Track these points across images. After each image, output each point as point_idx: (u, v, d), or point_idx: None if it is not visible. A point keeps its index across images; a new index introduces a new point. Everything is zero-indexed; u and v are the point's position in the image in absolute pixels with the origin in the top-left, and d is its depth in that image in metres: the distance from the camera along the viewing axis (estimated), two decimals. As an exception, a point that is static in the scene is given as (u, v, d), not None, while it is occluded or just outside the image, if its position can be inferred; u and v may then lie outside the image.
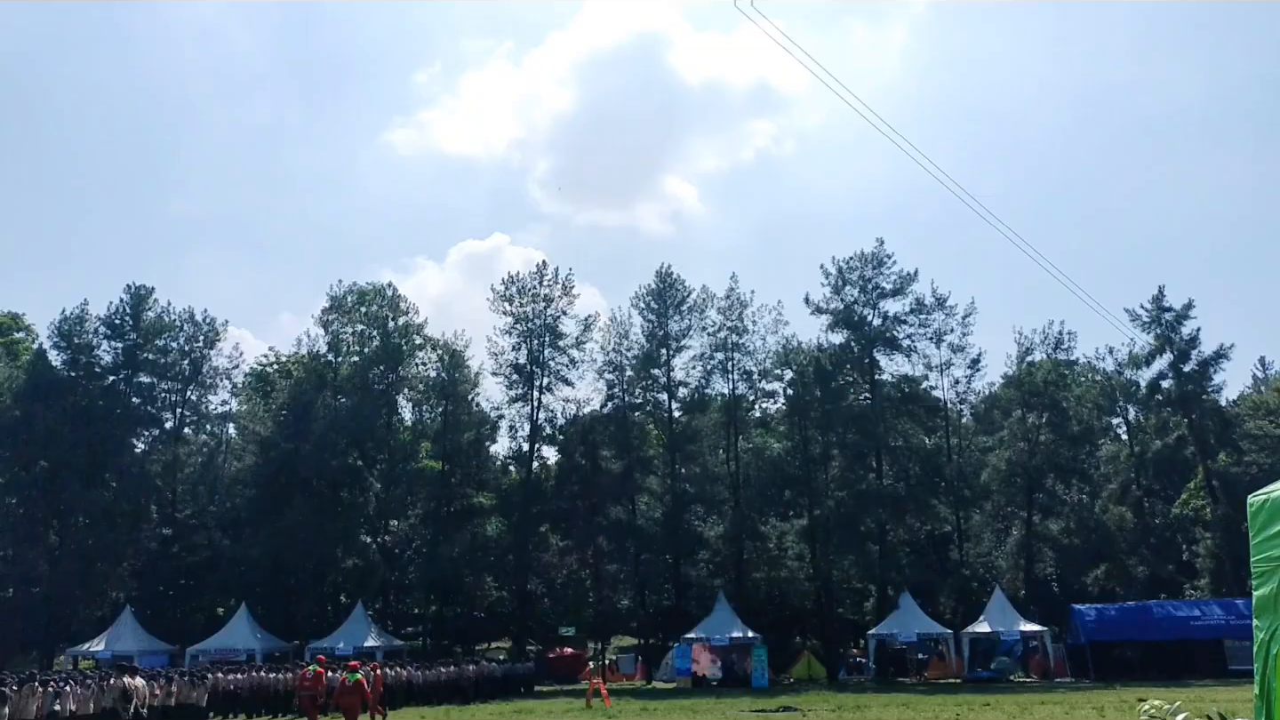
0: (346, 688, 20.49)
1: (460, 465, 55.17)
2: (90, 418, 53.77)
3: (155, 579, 53.87)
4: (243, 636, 45.01)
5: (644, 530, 52.50)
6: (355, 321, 57.64)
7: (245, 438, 58.75)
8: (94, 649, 44.20)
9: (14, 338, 68.71)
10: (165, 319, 58.06)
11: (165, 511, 56.50)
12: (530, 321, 55.98)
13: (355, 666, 22.63)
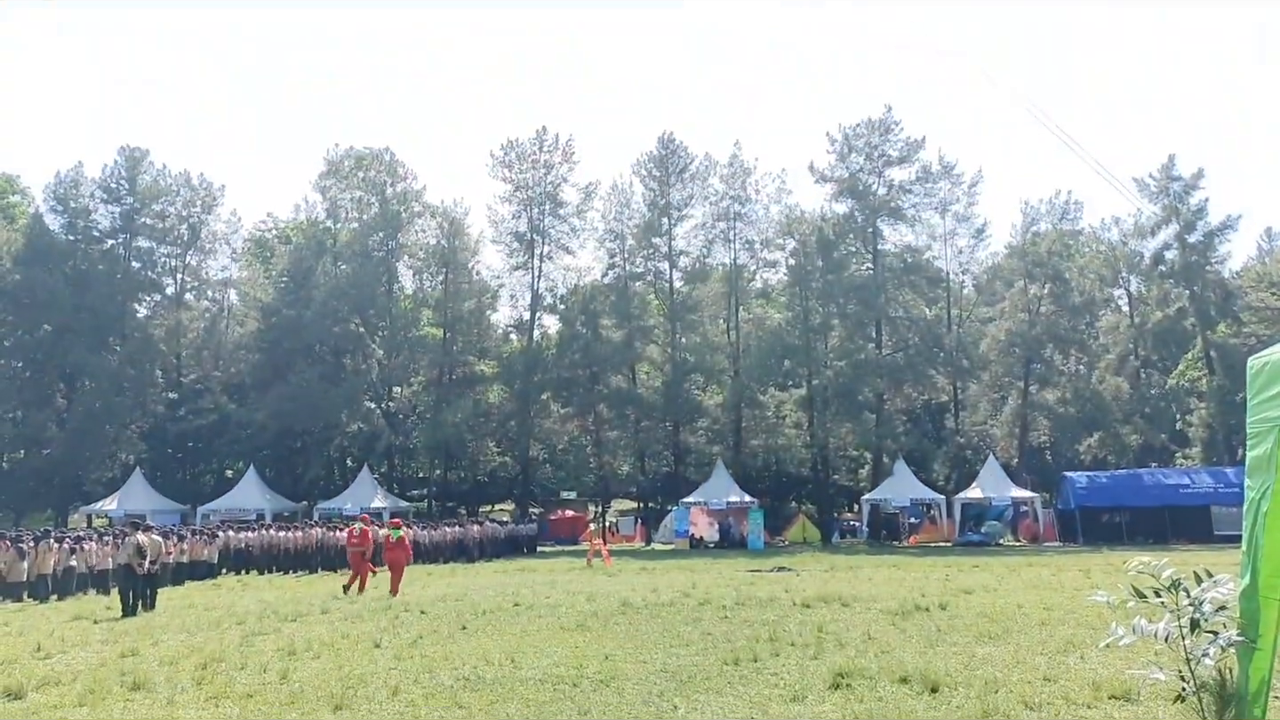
0: (392, 544, 21.37)
1: (461, 333, 55.37)
2: (90, 282, 53.71)
3: (164, 442, 54.84)
4: (252, 497, 46.11)
5: (644, 398, 53.07)
6: (353, 187, 56.88)
7: (247, 304, 58.89)
8: (107, 508, 45.34)
9: (10, 200, 67.94)
10: (162, 182, 57.29)
11: (170, 376, 57.07)
12: (530, 189, 55.24)
13: (398, 524, 23.95)
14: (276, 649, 11.94)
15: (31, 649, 12.32)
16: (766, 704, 8.34)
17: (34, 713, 8.29)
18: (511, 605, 16.92)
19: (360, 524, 23.34)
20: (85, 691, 9.19)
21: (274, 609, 17.05)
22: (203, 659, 11.12)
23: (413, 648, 11.98)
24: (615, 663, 10.55)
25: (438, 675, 9.93)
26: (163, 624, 15.26)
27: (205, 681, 9.74)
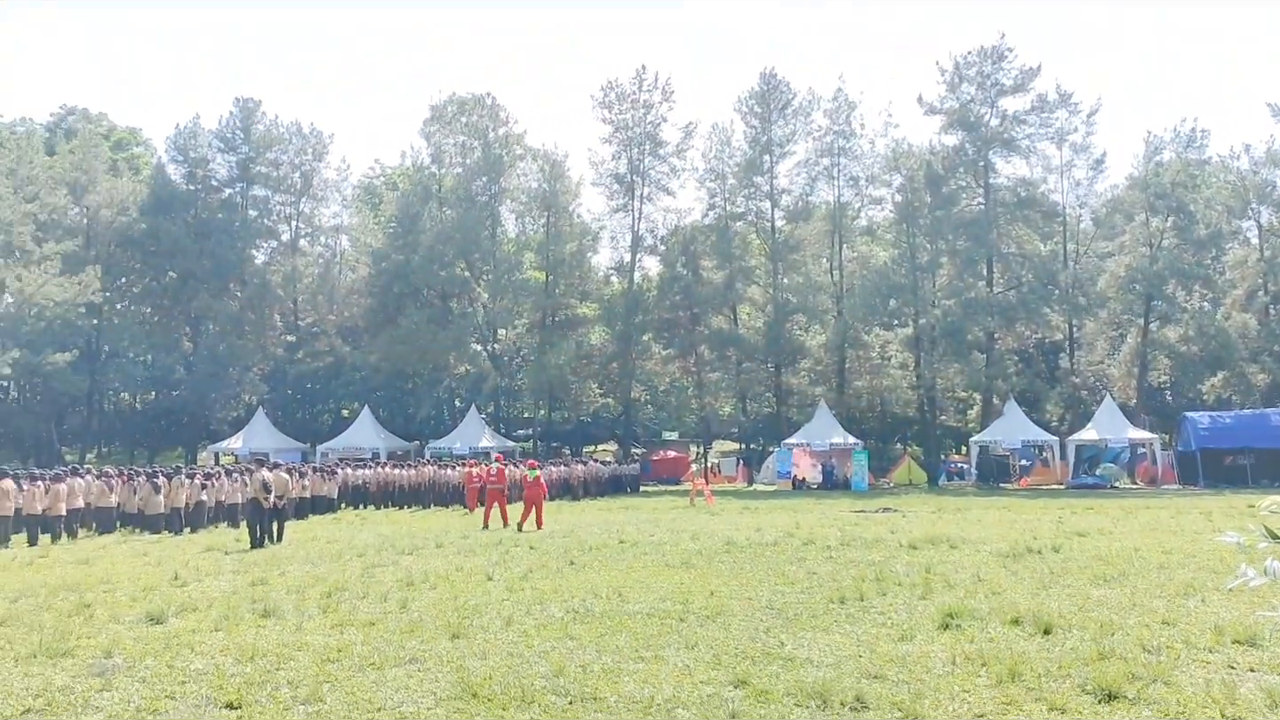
0: (529, 482, 22.22)
1: (563, 276, 55.85)
2: (211, 230, 55.91)
3: (283, 383, 57.14)
4: (367, 436, 47.77)
5: (746, 339, 52.80)
6: (456, 133, 57.50)
7: (358, 249, 60.51)
8: (232, 446, 47.60)
9: (133, 152, 71.02)
10: (274, 132, 58.93)
11: (288, 320, 59.22)
12: (630, 129, 54.95)
13: (535, 465, 25.27)
14: (395, 580, 12.45)
15: (169, 578, 13.11)
16: (874, 643, 8.35)
17: (174, 636, 8.83)
18: (617, 542, 17.23)
19: (497, 464, 25.10)
20: (220, 617, 9.77)
21: (391, 542, 17.75)
22: (327, 588, 11.68)
23: (523, 581, 12.34)
24: (721, 599, 10.68)
25: (548, 607, 10.22)
26: (289, 555, 16.04)
27: (330, 609, 10.23)
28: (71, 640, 8.51)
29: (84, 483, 22.02)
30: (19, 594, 11.63)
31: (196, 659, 7.89)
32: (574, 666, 7.51)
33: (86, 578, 13.20)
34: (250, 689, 6.88)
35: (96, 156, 57.85)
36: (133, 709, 6.41)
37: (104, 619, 9.83)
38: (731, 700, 6.54)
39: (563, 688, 6.91)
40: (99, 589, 12.04)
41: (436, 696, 6.72)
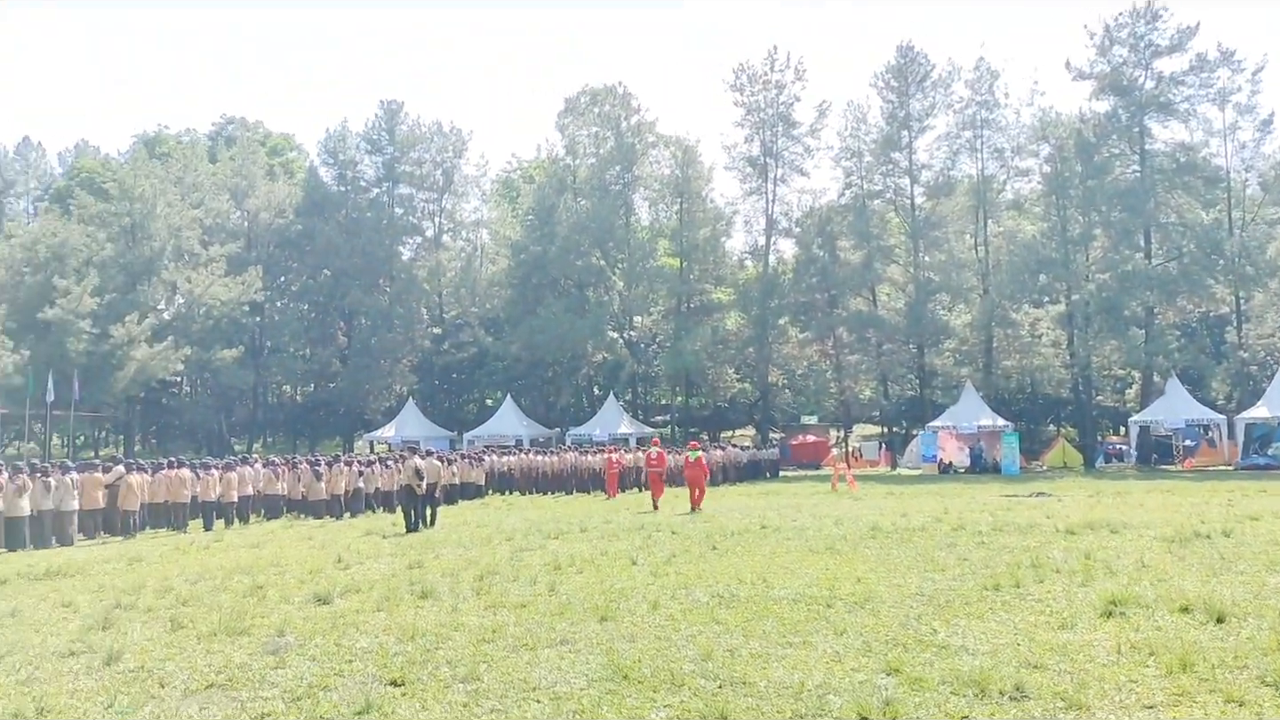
0: (691, 464, 22.74)
1: (698, 261, 55.84)
2: (360, 228, 58.47)
3: (431, 373, 59.27)
4: (510, 424, 49.00)
5: (886, 320, 51.63)
6: (590, 123, 58.18)
7: (497, 242, 62.08)
8: (386, 435, 49.61)
9: (288, 157, 74.70)
10: (416, 132, 61.05)
11: (434, 313, 61.35)
12: (762, 111, 54.41)
13: (696, 447, 25.99)
14: (543, 563, 12.74)
15: (333, 560, 13.78)
16: (1033, 631, 8.07)
17: (340, 616, 9.28)
18: (758, 527, 17.16)
19: (655, 448, 26.25)
20: (381, 598, 10.21)
21: (537, 527, 18.17)
22: (479, 571, 12.06)
23: (667, 565, 12.44)
24: (868, 585, 10.51)
25: (693, 592, 10.27)
26: (441, 539, 16.63)
27: (483, 591, 10.56)
28: (247, 620, 9.05)
29: (253, 471, 23.37)
30: (198, 576, 12.43)
31: (361, 638, 8.27)
32: (721, 651, 7.53)
33: (258, 561, 14.01)
34: (412, 667, 7.18)
35: (255, 162, 61.23)
36: (305, 685, 6.77)
37: (275, 599, 10.42)
38: (885, 688, 6.43)
39: (711, 672, 6.94)
40: (269, 571, 12.75)
41: (588, 678, 6.85)
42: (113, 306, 44.69)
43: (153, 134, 76.17)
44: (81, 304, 42.53)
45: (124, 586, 11.62)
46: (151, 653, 7.83)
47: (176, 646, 8.07)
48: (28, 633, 8.84)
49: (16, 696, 6.57)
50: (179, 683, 6.91)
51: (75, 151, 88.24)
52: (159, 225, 49.85)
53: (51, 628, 9.08)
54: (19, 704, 6.35)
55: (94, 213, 49.79)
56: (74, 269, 44.43)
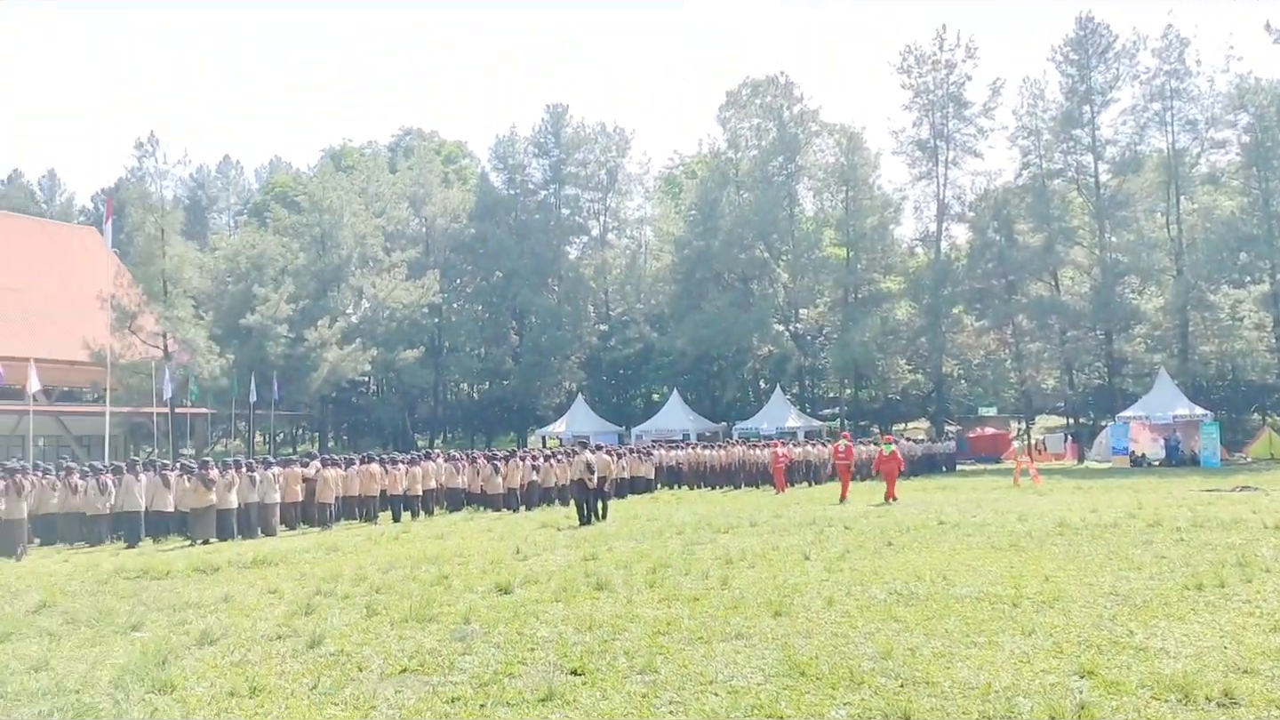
0: (884, 457, 22.70)
1: (865, 250, 54.59)
2: (529, 230, 60.26)
3: (599, 370, 60.41)
4: (677, 418, 49.32)
5: (1069, 306, 49.04)
6: (751, 115, 57.85)
7: (661, 238, 62.61)
8: (557, 430, 50.85)
9: (462, 164, 77.65)
10: (581, 134, 62.36)
11: (600, 310, 62.50)
12: (931, 93, 52.69)
13: (890, 440, 25.86)
14: (714, 558, 12.78)
15: (512, 552, 14.24)
16: (1241, 633, 7.51)
17: (521, 606, 9.59)
18: (936, 523, 16.67)
19: (844, 441, 26.46)
20: (559, 589, 10.48)
21: (707, 521, 18.23)
22: (651, 564, 12.20)
23: (841, 561, 12.24)
24: (1057, 584, 10.04)
25: (869, 589, 10.07)
26: (614, 532, 16.92)
27: (656, 584, 10.68)
28: (435, 607, 9.47)
29: (435, 466, 24.41)
30: (389, 565, 13.10)
31: (542, 627, 8.52)
32: (901, 649, 7.36)
33: (443, 551, 14.64)
34: (591, 657, 7.34)
35: (431, 171, 64.00)
36: (491, 672, 7.03)
37: (460, 589, 10.86)
38: (1078, 691, 6.12)
39: (891, 670, 6.79)
40: (453, 561, 13.31)
41: (765, 673, 6.82)
42: (306, 312, 47.54)
43: (338, 148, 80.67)
44: (279, 310, 45.41)
45: (323, 575, 12.37)
46: (350, 638, 8.31)
47: (372, 632, 8.53)
48: (239, 617, 9.53)
49: (232, 676, 7.09)
50: (375, 667, 7.30)
51: (270, 168, 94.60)
52: (346, 234, 52.71)
53: (260, 613, 9.76)
54: (234, 683, 6.85)
55: (288, 224, 53.12)
56: (271, 278, 47.50)
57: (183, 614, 9.77)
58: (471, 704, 6.29)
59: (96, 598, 10.98)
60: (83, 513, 18.51)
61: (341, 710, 6.23)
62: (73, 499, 18.65)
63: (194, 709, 6.28)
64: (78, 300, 46.13)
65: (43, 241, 53.17)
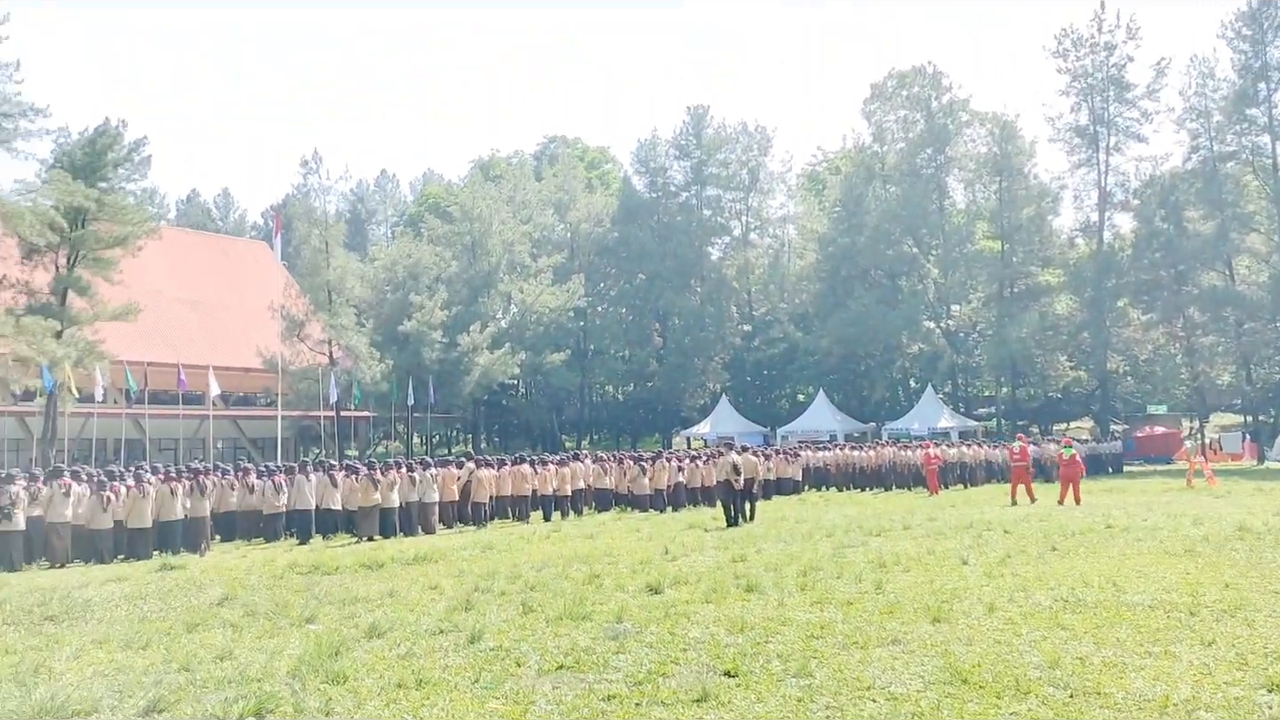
0: (1065, 460, 22.29)
1: (1021, 243, 52.57)
2: (671, 232, 60.60)
3: (742, 370, 60.19)
4: (823, 419, 48.63)
5: (1246, 296, 45.90)
6: (898, 107, 56.57)
7: (804, 237, 61.93)
8: (701, 431, 50.94)
9: (604, 169, 78.77)
10: (722, 134, 62.36)
11: (744, 310, 62.30)
12: (1090, 76, 50.30)
13: (1069, 443, 25.63)
14: (866, 561, 12.53)
15: (660, 552, 14.34)
16: None
17: (671, 606, 9.64)
18: (1103, 527, 15.90)
19: (1019, 442, 25.74)
20: (709, 590, 10.49)
21: (857, 523, 17.89)
22: (801, 567, 12.07)
23: (1002, 566, 11.82)
24: (1239, 592, 9.42)
25: (1033, 595, 9.69)
26: (761, 534, 16.82)
27: (807, 587, 10.56)
28: (588, 606, 9.62)
29: (583, 466, 24.81)
30: (542, 564, 13.40)
31: (693, 628, 8.55)
32: (1069, 658, 7.05)
33: (593, 550, 14.88)
34: (744, 659, 7.31)
35: (575, 177, 65.23)
36: (645, 671, 7.09)
37: (611, 588, 11.01)
38: (1267, 705, 5.73)
39: (1060, 680, 6.51)
40: (604, 561, 13.50)
41: (924, 680, 6.65)
42: (458, 317, 49.16)
43: (487, 158, 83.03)
44: (433, 316, 47.13)
45: (480, 572, 12.76)
46: (508, 634, 8.54)
47: (528, 629, 8.75)
48: (403, 611, 9.93)
49: (399, 668, 7.39)
50: (533, 663, 7.48)
51: (423, 180, 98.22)
52: (495, 241, 54.28)
53: (423, 608, 10.14)
54: (401, 675, 7.14)
55: (440, 234, 55.11)
56: (426, 285, 49.35)
57: (352, 608, 10.25)
58: (627, 702, 6.37)
59: (273, 592, 11.64)
60: (259, 511, 19.65)
61: (502, 704, 6.41)
62: (249, 498, 19.83)
63: (365, 699, 6.58)
64: (251, 311, 49.11)
65: (219, 256, 56.82)
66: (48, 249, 32.32)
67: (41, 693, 6.66)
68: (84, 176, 32.78)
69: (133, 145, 35.95)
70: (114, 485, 17.12)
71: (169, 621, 9.72)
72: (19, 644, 8.82)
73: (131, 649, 8.40)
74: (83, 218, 32.74)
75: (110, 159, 34.66)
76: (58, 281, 33.19)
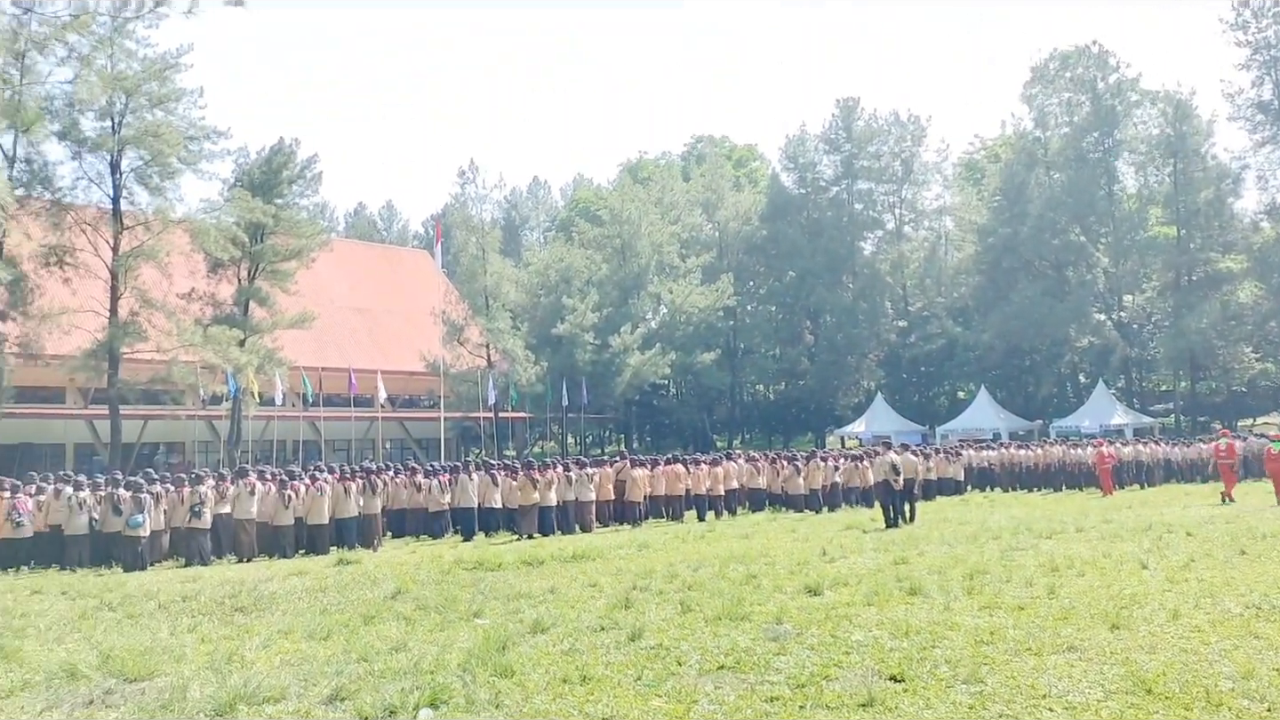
0: (1272, 455, 21.29)
1: (1199, 228, 49.33)
2: (821, 228, 59.74)
3: (898, 367, 58.76)
4: (985, 416, 46.92)
5: None
6: (1061, 90, 54.08)
7: (962, 228, 59.94)
8: (856, 430, 50.00)
9: (752, 167, 78.40)
10: (873, 126, 61.07)
11: (898, 306, 60.77)
12: (1273, 48, 46.74)
13: (1278, 437, 23.94)
14: (1037, 564, 12.01)
15: (818, 553, 14.14)
16: None
17: (832, 608, 9.49)
18: (1300, 530, 14.73)
19: (1224, 439, 24.70)
20: (870, 593, 10.27)
21: (1026, 525, 17.17)
22: (967, 570, 11.66)
23: (1185, 571, 11.12)
24: None
25: (1221, 601, 9.08)
26: (923, 535, 16.35)
27: (974, 591, 10.20)
28: (746, 606, 9.58)
29: (736, 466, 24.77)
30: (698, 563, 13.42)
31: (855, 631, 8.39)
32: (1267, 669, 6.57)
33: (748, 551, 14.81)
34: (910, 664, 7.13)
35: (722, 176, 65.12)
36: (807, 673, 7.01)
37: (769, 588, 10.92)
38: None
39: (1255, 692, 6.08)
40: (760, 561, 13.41)
41: (1105, 689, 6.33)
42: (609, 319, 49.90)
43: (635, 161, 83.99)
44: (585, 319, 48.01)
45: (637, 570, 12.90)
46: (667, 632, 8.60)
47: (687, 628, 8.78)
48: (565, 608, 10.13)
49: (563, 664, 7.55)
50: (693, 662, 7.50)
51: (573, 185, 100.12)
52: (644, 244, 54.80)
53: (583, 605, 10.33)
54: (566, 670, 7.30)
55: (591, 237, 56.06)
56: (578, 288, 50.34)
57: (515, 603, 10.54)
58: (790, 704, 6.31)
59: (441, 586, 12.09)
60: (425, 508, 20.47)
61: (665, 703, 6.46)
62: (417, 496, 20.68)
63: (532, 693, 6.75)
64: (414, 316, 51.26)
65: (384, 265, 59.55)
66: (231, 263, 34.65)
67: (235, 679, 7.11)
68: (262, 194, 35.01)
69: (305, 163, 38.11)
70: (294, 484, 18.18)
71: (347, 614, 10.24)
72: (213, 633, 9.46)
73: (314, 639, 8.90)
74: (261, 232, 34.97)
75: (285, 176, 36.91)
76: (240, 293, 35.54)
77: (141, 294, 32.11)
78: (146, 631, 9.61)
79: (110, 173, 32.21)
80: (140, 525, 16.16)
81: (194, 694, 6.83)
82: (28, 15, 29.49)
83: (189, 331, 31.64)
